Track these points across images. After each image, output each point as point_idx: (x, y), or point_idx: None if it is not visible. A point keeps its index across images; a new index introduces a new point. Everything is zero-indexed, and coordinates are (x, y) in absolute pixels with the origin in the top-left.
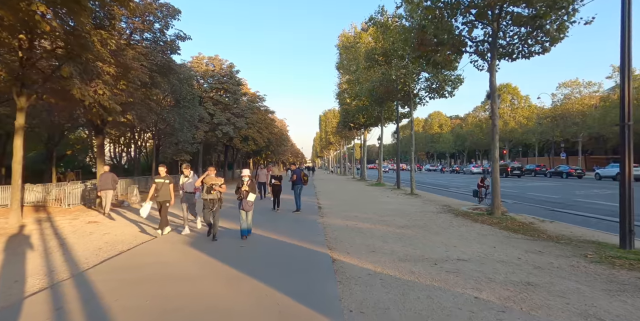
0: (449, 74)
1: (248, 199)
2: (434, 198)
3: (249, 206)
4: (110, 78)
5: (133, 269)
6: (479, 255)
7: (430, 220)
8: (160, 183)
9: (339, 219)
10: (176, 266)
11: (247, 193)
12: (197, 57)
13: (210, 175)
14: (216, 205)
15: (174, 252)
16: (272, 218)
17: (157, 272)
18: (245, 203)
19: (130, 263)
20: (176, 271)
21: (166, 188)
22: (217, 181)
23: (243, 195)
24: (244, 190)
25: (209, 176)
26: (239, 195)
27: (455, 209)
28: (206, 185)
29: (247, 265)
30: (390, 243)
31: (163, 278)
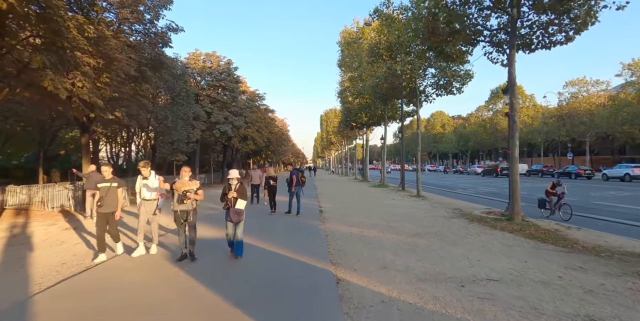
0: (458, 69)
1: (237, 207)
2: (442, 201)
3: (238, 216)
4: (90, 70)
5: (92, 294)
6: (511, 273)
7: (444, 227)
8: (105, 189)
9: (342, 225)
10: (145, 292)
11: (236, 201)
12: (194, 53)
13: (182, 179)
14: (190, 217)
15: (147, 272)
16: (268, 224)
17: (120, 300)
18: (233, 213)
19: (91, 286)
20: (144, 300)
21: (113, 195)
22: (192, 186)
23: (230, 202)
24: (231, 196)
25: (181, 180)
26: (226, 203)
27: (467, 213)
28: (177, 192)
29: (232, 291)
30: (403, 256)
31: (126, 308)
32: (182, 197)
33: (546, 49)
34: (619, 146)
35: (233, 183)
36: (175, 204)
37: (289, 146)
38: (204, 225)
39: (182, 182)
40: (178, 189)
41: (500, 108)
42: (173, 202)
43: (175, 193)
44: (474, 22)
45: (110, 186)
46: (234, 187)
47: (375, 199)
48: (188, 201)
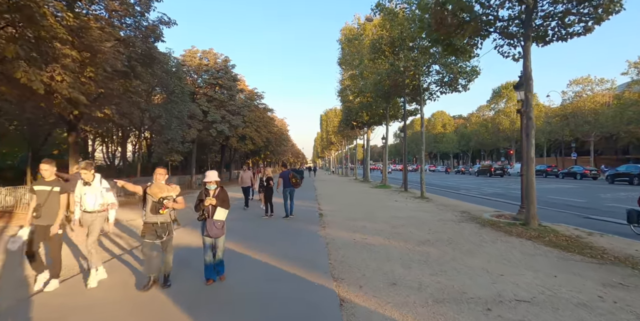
0: (464, 65)
1: (215, 218)
2: (447, 203)
3: (217, 230)
4: (71, 62)
5: None
6: (541, 291)
7: (455, 233)
8: (44, 194)
9: (344, 231)
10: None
11: (214, 209)
12: (190, 50)
13: (157, 182)
14: (169, 232)
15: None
16: (262, 230)
17: None
18: (210, 226)
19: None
20: None
21: (54, 203)
22: (170, 191)
23: (207, 211)
24: (208, 204)
25: (157, 183)
26: (201, 212)
27: (477, 217)
28: (151, 199)
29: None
30: (414, 270)
31: None
32: (158, 205)
33: (562, 41)
34: (623, 146)
35: (211, 188)
36: (148, 214)
37: (288, 146)
38: (186, 230)
39: (159, 187)
40: (153, 195)
41: (502, 107)
42: (145, 212)
43: (148, 201)
44: (485, 12)
45: (51, 191)
46: (212, 192)
47: (377, 201)
48: (165, 211)
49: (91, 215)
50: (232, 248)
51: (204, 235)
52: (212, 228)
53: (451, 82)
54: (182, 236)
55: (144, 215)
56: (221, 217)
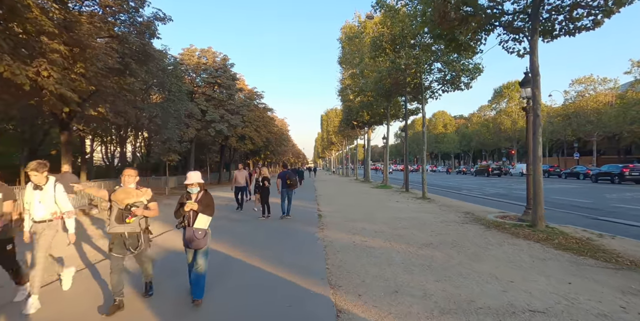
0: (467, 62)
1: (196, 226)
2: (450, 203)
3: (199, 240)
4: (59, 57)
5: None
6: (557, 301)
7: (459, 235)
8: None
9: (343, 233)
10: None
11: (196, 216)
12: (188, 49)
13: (125, 186)
14: (141, 244)
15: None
16: (258, 231)
17: None
18: (190, 235)
19: None
20: None
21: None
22: (139, 196)
23: (188, 218)
24: (189, 209)
25: (124, 188)
26: (181, 220)
27: (481, 218)
28: (116, 206)
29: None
30: (417, 275)
31: None
32: (125, 213)
33: (570, 36)
34: (626, 146)
35: (193, 191)
36: (112, 224)
37: (289, 146)
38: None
39: (126, 191)
40: (119, 201)
41: (504, 107)
42: (110, 221)
43: (113, 208)
44: (490, 5)
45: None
46: (194, 196)
47: (378, 201)
48: (132, 219)
49: (40, 225)
50: (223, 252)
51: (185, 247)
52: (193, 238)
53: (453, 80)
54: (174, 238)
55: (107, 225)
56: (203, 225)
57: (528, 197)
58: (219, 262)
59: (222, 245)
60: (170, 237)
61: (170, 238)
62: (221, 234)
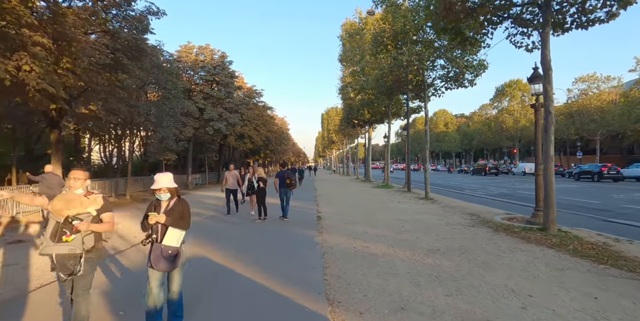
0: (471, 58)
1: (165, 243)
2: (453, 204)
3: (168, 263)
4: (41, 50)
5: None
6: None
7: (467, 239)
8: None
9: (344, 237)
10: None
11: (165, 231)
12: (186, 46)
13: (68, 192)
14: (79, 270)
15: None
16: (252, 236)
17: None
18: (157, 254)
19: None
20: None
21: None
22: (85, 206)
23: (156, 231)
24: (154, 222)
25: (64, 194)
26: (148, 235)
27: (487, 220)
28: (54, 219)
29: None
30: (425, 289)
31: None
32: (64, 227)
33: (582, 29)
34: (629, 145)
35: (163, 198)
36: (46, 242)
37: (289, 145)
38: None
39: (67, 199)
40: (56, 213)
41: (506, 106)
42: (44, 237)
43: (50, 221)
44: None
45: None
46: (164, 204)
47: (379, 202)
48: (72, 237)
49: None
50: (210, 259)
51: (148, 267)
52: (160, 259)
53: (457, 77)
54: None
55: (40, 244)
56: (173, 242)
57: (537, 198)
58: (204, 273)
59: (211, 250)
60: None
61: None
62: (212, 238)
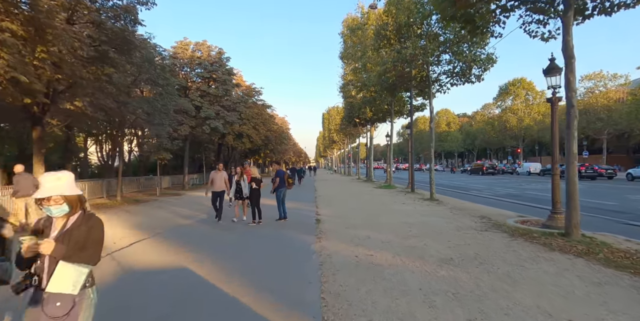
0: (479, 52)
1: (50, 289)
2: (461, 206)
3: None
4: (11, 37)
5: None
6: None
7: (482, 246)
8: None
9: (344, 243)
10: None
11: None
12: (182, 42)
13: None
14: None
15: None
16: (242, 242)
17: None
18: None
19: None
20: None
21: None
22: None
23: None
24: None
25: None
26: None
27: (500, 223)
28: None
29: None
30: (442, 311)
31: None
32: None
33: (605, 15)
34: (635, 144)
35: (54, 214)
36: None
37: (290, 145)
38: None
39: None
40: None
41: (510, 105)
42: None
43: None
44: None
45: None
46: (59, 222)
47: (383, 204)
48: None
49: None
50: (192, 269)
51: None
52: (41, 315)
53: (464, 72)
54: (145, 251)
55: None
56: (65, 287)
57: (554, 199)
58: (180, 286)
59: (194, 260)
60: (141, 249)
61: (139, 251)
62: (199, 244)
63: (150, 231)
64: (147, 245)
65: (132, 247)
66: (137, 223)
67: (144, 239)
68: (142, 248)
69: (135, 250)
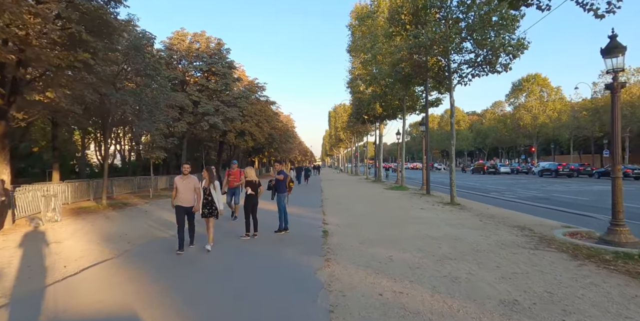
0: (507, 37)
1: None
2: (488, 212)
3: None
4: None
5: None
6: None
7: (546, 276)
8: None
9: (361, 268)
10: None
11: None
12: (179, 32)
13: None
14: None
15: None
16: (228, 263)
17: None
18: None
19: None
20: None
21: None
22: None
23: None
24: None
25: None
26: None
27: (548, 237)
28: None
29: None
30: None
31: None
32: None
33: None
34: None
35: None
36: None
37: (295, 143)
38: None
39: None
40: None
41: (523, 102)
42: None
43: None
44: None
45: None
46: None
47: (399, 209)
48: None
49: None
50: (141, 317)
51: None
52: None
53: (489, 61)
54: (97, 281)
55: None
56: None
57: (615, 209)
58: None
59: (150, 302)
60: (92, 279)
61: (88, 283)
62: (169, 268)
63: (119, 247)
64: (104, 270)
65: (82, 275)
66: (110, 235)
67: (106, 260)
68: (95, 277)
69: (85, 280)
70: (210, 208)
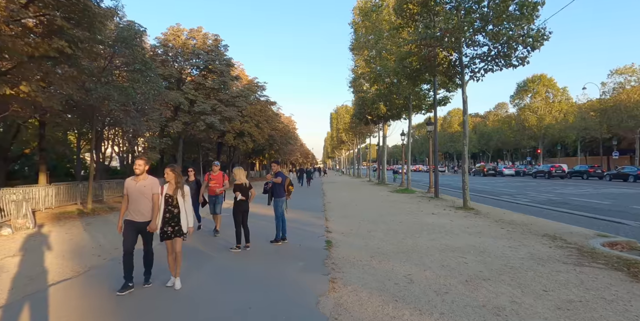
0: (526, 27)
1: None
2: (507, 217)
3: None
4: None
5: None
6: None
7: (611, 306)
8: None
9: (376, 295)
10: None
11: None
12: (174, 28)
13: None
14: None
15: None
16: (207, 285)
17: None
18: None
19: None
20: None
21: None
22: None
23: None
24: None
25: None
26: None
27: (585, 248)
28: None
29: None
30: None
31: None
32: None
33: None
34: None
35: None
36: None
37: (297, 145)
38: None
39: None
40: None
41: (529, 103)
42: None
43: None
44: None
45: None
46: None
47: (408, 214)
48: None
49: None
50: None
51: None
52: None
53: (505, 54)
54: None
55: None
56: None
57: None
58: None
59: None
60: (34, 310)
61: (24, 317)
62: (133, 296)
63: (85, 261)
64: (56, 296)
65: (15, 306)
66: (81, 246)
67: (59, 282)
68: (33, 309)
69: (14, 316)
70: (175, 225)
